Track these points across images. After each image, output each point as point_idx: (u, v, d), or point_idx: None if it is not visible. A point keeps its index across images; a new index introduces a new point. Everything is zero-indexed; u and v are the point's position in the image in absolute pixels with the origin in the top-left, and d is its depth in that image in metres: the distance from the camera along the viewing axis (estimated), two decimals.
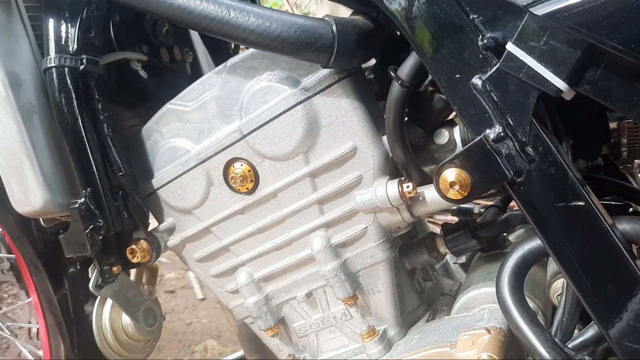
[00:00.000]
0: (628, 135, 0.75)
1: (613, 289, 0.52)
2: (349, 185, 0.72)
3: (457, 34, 0.53)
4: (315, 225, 0.76)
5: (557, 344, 0.57)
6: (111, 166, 0.80)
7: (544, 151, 0.53)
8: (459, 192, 0.58)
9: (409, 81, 0.62)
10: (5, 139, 0.77)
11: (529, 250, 0.60)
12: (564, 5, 0.45)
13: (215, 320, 2.11)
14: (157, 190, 0.82)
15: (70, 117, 0.76)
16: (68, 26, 0.77)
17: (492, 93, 0.53)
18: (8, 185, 0.81)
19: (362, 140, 0.69)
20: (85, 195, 0.78)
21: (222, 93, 0.74)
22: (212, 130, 0.76)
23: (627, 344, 0.53)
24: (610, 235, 0.52)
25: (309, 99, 0.69)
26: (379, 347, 0.77)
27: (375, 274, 0.76)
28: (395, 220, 0.72)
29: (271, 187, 0.75)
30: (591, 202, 0.52)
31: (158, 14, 0.66)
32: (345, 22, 0.63)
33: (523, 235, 0.90)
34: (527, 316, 0.58)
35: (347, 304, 0.76)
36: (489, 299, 0.73)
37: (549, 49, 0.49)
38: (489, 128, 0.54)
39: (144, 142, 0.82)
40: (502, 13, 0.51)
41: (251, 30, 0.62)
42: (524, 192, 0.55)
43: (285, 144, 0.71)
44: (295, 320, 0.85)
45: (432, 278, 0.94)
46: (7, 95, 0.75)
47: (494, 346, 0.64)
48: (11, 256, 1.15)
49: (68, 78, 0.76)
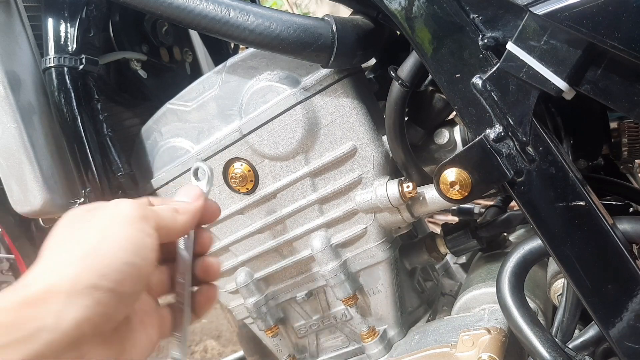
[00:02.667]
0: (629, 135, 0.75)
1: (613, 289, 0.52)
2: (349, 185, 0.72)
3: (457, 33, 0.53)
4: (315, 226, 0.76)
5: (557, 344, 0.57)
6: (110, 166, 0.80)
7: (544, 151, 0.53)
8: (459, 192, 0.58)
9: (409, 81, 0.62)
10: (5, 139, 0.77)
11: (529, 251, 0.60)
12: (564, 5, 0.45)
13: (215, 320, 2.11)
14: (156, 191, 0.82)
15: (70, 117, 0.76)
16: (67, 26, 0.77)
17: (493, 93, 0.52)
18: (7, 185, 0.81)
19: (362, 140, 0.69)
20: (84, 196, 0.78)
21: (222, 93, 0.74)
22: (211, 130, 0.75)
23: (627, 344, 0.53)
24: (611, 235, 0.52)
25: (309, 99, 0.68)
26: (379, 348, 0.77)
27: (375, 274, 0.76)
28: (395, 220, 0.72)
29: (271, 187, 0.75)
30: (592, 202, 0.52)
31: (157, 13, 0.66)
32: (345, 22, 0.63)
33: (523, 235, 0.90)
34: (527, 316, 0.58)
35: (347, 304, 0.76)
36: (490, 299, 0.73)
37: (549, 49, 0.49)
38: (489, 128, 0.54)
39: (143, 142, 0.82)
40: (502, 12, 0.51)
41: (251, 29, 0.61)
42: (525, 192, 0.54)
43: (285, 144, 0.71)
44: (295, 320, 0.85)
45: (433, 278, 0.94)
46: (6, 95, 0.75)
47: (494, 346, 0.64)
48: (10, 256, 1.15)
49: (67, 78, 0.76)
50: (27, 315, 0.41)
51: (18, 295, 0.42)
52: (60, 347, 0.41)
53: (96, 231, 0.47)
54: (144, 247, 0.48)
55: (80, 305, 0.42)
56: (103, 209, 0.50)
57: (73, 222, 0.49)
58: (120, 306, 0.45)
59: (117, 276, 0.45)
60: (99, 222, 0.48)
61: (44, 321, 0.41)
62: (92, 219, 0.49)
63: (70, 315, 0.42)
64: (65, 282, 0.43)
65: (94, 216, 0.49)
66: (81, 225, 0.48)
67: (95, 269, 0.44)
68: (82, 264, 0.44)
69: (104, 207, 0.50)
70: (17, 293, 0.43)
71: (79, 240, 0.46)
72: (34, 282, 0.44)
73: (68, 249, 0.46)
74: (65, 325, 0.41)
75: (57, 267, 0.44)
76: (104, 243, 0.46)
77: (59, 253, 0.46)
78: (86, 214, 0.50)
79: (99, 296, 0.43)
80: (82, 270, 0.44)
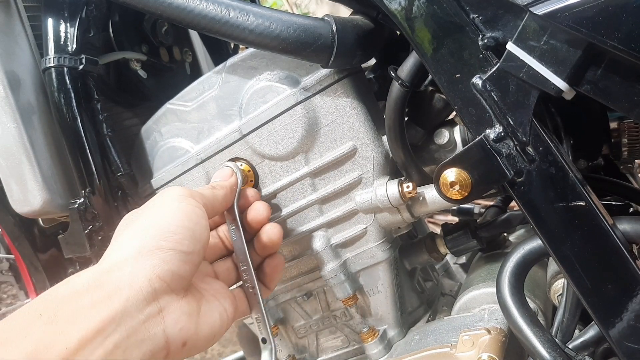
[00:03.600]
0: (629, 135, 0.75)
1: (613, 289, 0.52)
2: (349, 185, 0.72)
3: (457, 33, 0.53)
4: (315, 226, 0.76)
5: (557, 345, 0.57)
6: (110, 166, 0.80)
7: (544, 151, 0.52)
8: (459, 192, 0.58)
9: (409, 81, 0.62)
10: (4, 139, 0.77)
11: (529, 251, 0.60)
12: (564, 5, 0.45)
13: None
14: (156, 191, 0.81)
15: (70, 117, 0.76)
16: (67, 26, 0.77)
17: (493, 93, 0.52)
18: (7, 185, 0.81)
19: (362, 140, 0.69)
20: (84, 196, 0.78)
21: (222, 93, 0.73)
22: (211, 130, 0.75)
23: (627, 344, 0.53)
24: (611, 235, 0.52)
25: (309, 99, 0.68)
26: (378, 348, 0.77)
27: (375, 275, 0.76)
28: (395, 220, 0.72)
29: (271, 187, 0.75)
30: (592, 202, 0.52)
31: (157, 13, 0.66)
32: (345, 22, 0.63)
33: (523, 235, 0.90)
34: (527, 316, 0.58)
35: (347, 304, 0.76)
36: (489, 299, 0.73)
37: (549, 49, 0.49)
38: (489, 128, 0.54)
39: (143, 142, 0.82)
40: (502, 13, 0.51)
41: (251, 29, 0.61)
42: (524, 192, 0.54)
43: (285, 144, 0.71)
44: (295, 320, 0.85)
45: (432, 278, 0.94)
46: (6, 95, 0.75)
47: (494, 347, 0.64)
48: (10, 256, 1.15)
49: (67, 78, 0.76)
50: (106, 279, 0.48)
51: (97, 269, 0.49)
52: (138, 302, 0.47)
53: (152, 210, 0.56)
54: (194, 214, 0.56)
55: (148, 265, 0.49)
56: (154, 198, 0.59)
57: (130, 215, 0.57)
58: (183, 264, 0.52)
59: (175, 237, 0.52)
60: (153, 204, 0.57)
61: (120, 282, 0.48)
62: (146, 205, 0.57)
63: (141, 273, 0.49)
64: (133, 250, 0.50)
65: (147, 204, 0.58)
66: (138, 213, 0.57)
67: (156, 235, 0.52)
68: (144, 234, 0.52)
69: (154, 197, 0.59)
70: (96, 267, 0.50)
71: (138, 220, 0.55)
72: (108, 257, 0.51)
73: (131, 228, 0.54)
74: (138, 282, 0.48)
75: (124, 242, 0.52)
76: (160, 216, 0.54)
77: (124, 233, 0.54)
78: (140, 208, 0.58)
79: (163, 255, 0.50)
80: (145, 239, 0.52)
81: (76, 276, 0.49)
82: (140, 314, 0.47)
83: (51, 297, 0.46)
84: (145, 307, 0.48)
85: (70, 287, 0.47)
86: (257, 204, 0.67)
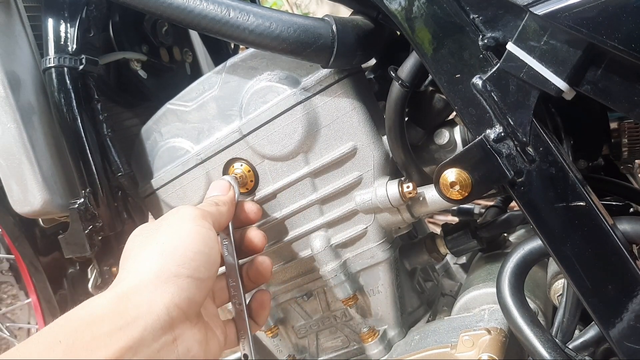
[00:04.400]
0: (629, 135, 0.75)
1: (613, 289, 0.52)
2: (349, 185, 0.72)
3: (458, 33, 0.53)
4: (315, 226, 0.76)
5: (557, 345, 0.57)
6: (110, 166, 0.80)
7: (544, 151, 0.53)
8: (459, 193, 0.58)
9: (409, 81, 0.62)
10: (5, 139, 0.77)
11: (529, 251, 0.60)
12: (564, 5, 0.45)
13: None
14: (156, 191, 0.81)
15: (70, 117, 0.76)
16: (67, 26, 0.77)
17: (493, 93, 0.52)
18: (7, 185, 0.81)
19: (362, 140, 0.69)
20: (84, 196, 0.78)
21: (222, 93, 0.73)
22: (211, 130, 0.75)
23: (627, 344, 0.53)
24: (611, 236, 0.52)
25: (309, 99, 0.68)
26: (379, 348, 0.77)
27: (375, 275, 0.76)
28: (395, 220, 0.72)
29: (271, 187, 0.75)
30: (592, 202, 0.52)
31: (157, 13, 0.66)
32: (345, 22, 0.63)
33: (523, 235, 0.90)
34: (527, 317, 0.58)
35: (347, 304, 0.76)
36: (490, 299, 0.73)
37: (549, 49, 0.49)
38: (490, 128, 0.54)
39: (143, 142, 0.82)
40: (502, 13, 0.51)
41: (251, 30, 0.61)
42: (525, 192, 0.54)
43: (285, 144, 0.71)
44: (295, 320, 0.85)
45: (433, 278, 0.94)
46: (6, 96, 0.75)
47: (494, 347, 0.64)
48: (10, 256, 1.15)
49: (67, 78, 0.76)
50: (124, 306, 0.48)
51: (114, 292, 0.49)
52: (155, 330, 0.47)
53: (167, 231, 0.56)
54: (209, 238, 0.56)
55: (167, 292, 0.50)
56: (167, 216, 0.59)
57: (143, 231, 0.58)
58: (198, 291, 0.53)
59: (193, 264, 0.53)
60: (167, 224, 0.57)
61: (139, 310, 0.48)
62: (160, 224, 0.57)
63: (160, 301, 0.49)
64: (151, 275, 0.50)
65: (160, 223, 0.57)
66: (152, 231, 0.56)
67: (173, 260, 0.52)
68: (162, 258, 0.52)
69: (167, 215, 0.59)
70: (112, 290, 0.50)
71: (155, 241, 0.54)
72: (125, 279, 0.51)
73: (147, 249, 0.54)
74: (157, 310, 0.48)
75: (142, 264, 0.52)
76: (176, 239, 0.54)
77: (140, 254, 0.54)
78: (152, 224, 0.58)
79: (181, 283, 0.51)
80: (163, 263, 0.51)
81: (96, 299, 0.49)
82: (156, 343, 0.48)
83: (70, 322, 0.46)
84: (162, 335, 0.48)
85: (89, 312, 0.47)
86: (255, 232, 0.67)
